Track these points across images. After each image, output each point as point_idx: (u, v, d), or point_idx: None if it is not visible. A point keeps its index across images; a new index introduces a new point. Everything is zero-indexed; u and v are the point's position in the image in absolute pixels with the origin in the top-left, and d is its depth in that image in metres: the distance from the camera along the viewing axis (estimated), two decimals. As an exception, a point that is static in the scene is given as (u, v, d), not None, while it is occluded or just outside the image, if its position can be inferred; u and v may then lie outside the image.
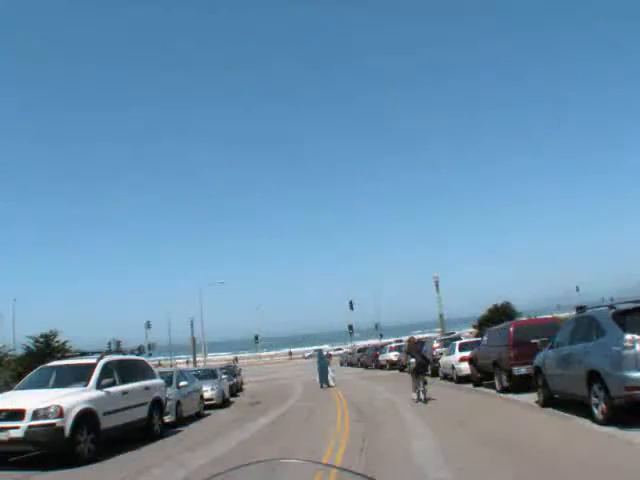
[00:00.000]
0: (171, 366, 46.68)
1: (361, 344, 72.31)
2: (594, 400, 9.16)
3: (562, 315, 39.35)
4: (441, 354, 24.71)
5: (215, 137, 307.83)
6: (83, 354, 14.08)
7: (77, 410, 10.22)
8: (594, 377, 9.10)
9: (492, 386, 16.55)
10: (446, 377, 22.74)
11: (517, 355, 14.73)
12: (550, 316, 31.42)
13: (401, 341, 40.72)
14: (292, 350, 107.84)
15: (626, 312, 9.19)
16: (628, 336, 8.48)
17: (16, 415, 9.77)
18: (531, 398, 12.98)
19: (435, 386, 18.89)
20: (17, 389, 11.81)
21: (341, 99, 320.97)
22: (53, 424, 9.74)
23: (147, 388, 13.23)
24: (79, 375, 11.55)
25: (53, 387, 11.28)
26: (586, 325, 10.15)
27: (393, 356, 36.21)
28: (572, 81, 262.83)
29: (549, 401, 11.74)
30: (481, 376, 18.15)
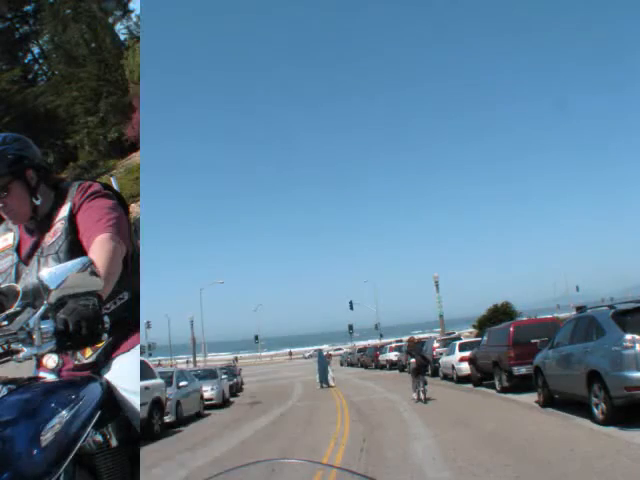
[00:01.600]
0: (171, 366, 46.64)
1: (361, 344, 72.38)
2: (594, 400, 9.15)
3: (562, 315, 39.38)
4: (441, 354, 24.70)
5: (215, 136, 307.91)
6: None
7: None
8: (594, 377, 9.08)
9: (492, 386, 16.54)
10: (446, 377, 22.73)
11: (517, 355, 14.72)
12: (550, 316, 31.42)
13: (401, 341, 40.73)
14: (292, 350, 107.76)
15: (626, 312, 9.19)
16: (628, 336, 8.48)
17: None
18: (531, 398, 12.97)
19: (435, 386, 18.89)
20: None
21: (340, 97, 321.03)
22: (53, 424, 9.72)
23: (147, 388, 13.21)
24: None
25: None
26: (586, 325, 10.14)
27: (393, 356, 36.17)
28: (572, 80, 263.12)
29: (549, 401, 11.73)
30: (481, 376, 18.14)
